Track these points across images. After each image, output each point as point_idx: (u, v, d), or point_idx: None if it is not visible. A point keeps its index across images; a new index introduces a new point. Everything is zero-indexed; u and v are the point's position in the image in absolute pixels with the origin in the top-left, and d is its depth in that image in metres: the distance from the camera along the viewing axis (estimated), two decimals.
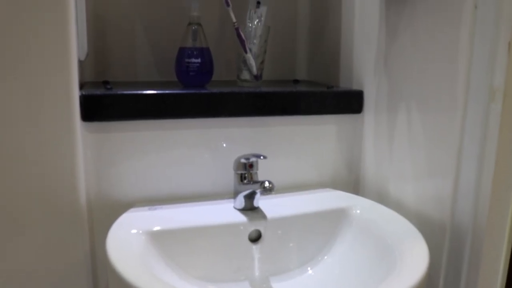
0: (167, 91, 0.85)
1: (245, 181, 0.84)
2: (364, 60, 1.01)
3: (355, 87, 1.04)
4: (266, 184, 0.77)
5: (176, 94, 0.86)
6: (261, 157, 0.81)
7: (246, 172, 0.84)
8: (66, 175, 0.78)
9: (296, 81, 1.19)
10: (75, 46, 0.76)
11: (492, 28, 0.70)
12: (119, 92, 0.83)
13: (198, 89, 0.89)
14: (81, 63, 0.87)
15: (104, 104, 0.82)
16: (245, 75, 1.00)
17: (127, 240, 0.73)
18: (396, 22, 0.89)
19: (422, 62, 0.84)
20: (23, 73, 0.73)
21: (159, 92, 0.84)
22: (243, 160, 0.83)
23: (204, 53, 0.97)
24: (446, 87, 0.78)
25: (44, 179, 0.77)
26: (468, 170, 0.77)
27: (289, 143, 0.97)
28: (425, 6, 0.82)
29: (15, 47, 0.72)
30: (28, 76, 0.73)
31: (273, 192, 0.77)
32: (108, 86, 0.88)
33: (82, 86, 0.90)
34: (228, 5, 0.97)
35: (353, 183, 1.06)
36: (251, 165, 0.84)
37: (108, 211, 0.87)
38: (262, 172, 0.92)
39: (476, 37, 0.73)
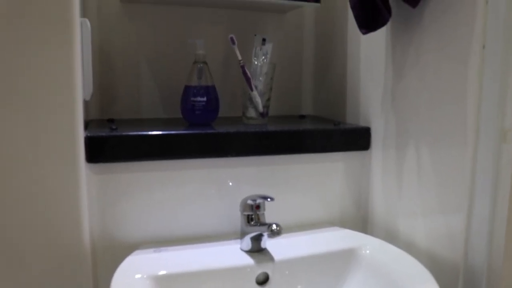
0: (172, 132, 0.84)
1: (252, 223, 0.82)
2: (370, 97, 1.00)
3: (362, 123, 1.03)
4: (274, 227, 0.75)
5: (182, 134, 0.85)
6: (268, 199, 0.80)
7: (253, 213, 0.82)
8: (70, 217, 0.77)
9: (302, 117, 1.18)
10: (80, 87, 0.76)
11: (501, 68, 0.70)
12: (124, 133, 0.82)
13: (204, 129, 0.89)
14: (86, 102, 0.87)
15: (109, 145, 0.81)
16: (251, 113, 1.00)
17: (132, 286, 0.71)
18: (403, 60, 0.89)
19: (430, 100, 0.83)
20: (28, 113, 0.72)
21: (164, 132, 0.84)
22: (250, 202, 0.82)
23: (209, 91, 0.97)
24: (455, 125, 0.77)
25: (48, 220, 0.76)
26: (481, 207, 0.75)
27: (297, 181, 0.96)
28: (432, 44, 0.81)
29: (20, 88, 0.72)
30: (33, 117, 0.73)
31: (280, 235, 0.76)
32: (113, 126, 0.87)
33: (87, 124, 0.90)
34: (233, 43, 0.97)
35: (362, 221, 1.04)
36: (258, 207, 0.82)
37: (112, 253, 0.85)
38: (269, 210, 0.90)
39: (484, 77, 0.72)
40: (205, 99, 0.95)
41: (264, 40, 1.00)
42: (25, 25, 0.71)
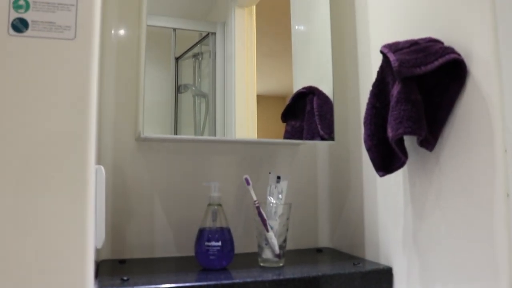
0: (187, 284, 0.81)
1: None
2: (390, 235, 0.97)
3: (382, 261, 0.98)
4: None
5: (197, 287, 0.81)
6: None
7: None
8: None
9: (319, 251, 1.14)
10: (92, 238, 0.73)
11: None
12: (135, 287, 0.79)
13: (219, 278, 0.85)
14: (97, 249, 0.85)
15: None
16: (267, 254, 0.96)
17: None
18: (422, 201, 0.87)
19: (455, 243, 0.79)
20: (36, 260, 0.69)
21: (178, 285, 0.80)
22: None
23: (224, 233, 0.94)
24: (484, 272, 0.73)
25: None
26: None
27: None
28: (452, 188, 0.80)
29: (33, 237, 0.69)
30: (43, 264, 0.69)
31: None
32: (124, 278, 0.84)
33: (98, 266, 0.86)
34: (248, 183, 0.96)
35: None
36: None
37: None
38: None
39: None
40: (219, 243, 0.92)
41: (278, 178, 1.00)
42: (39, 177, 0.70)
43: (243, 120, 1.12)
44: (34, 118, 0.71)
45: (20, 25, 0.74)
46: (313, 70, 1.17)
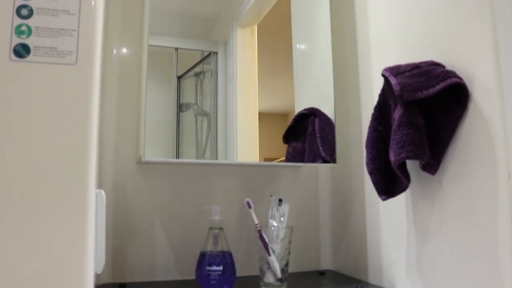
0: None
1: None
2: (393, 258, 0.95)
3: (386, 285, 0.97)
4: None
5: None
6: None
7: None
8: None
9: (321, 273, 1.13)
10: (92, 263, 0.72)
11: None
12: None
13: None
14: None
15: None
16: (269, 278, 0.95)
17: None
18: (425, 224, 0.86)
19: (459, 266, 0.78)
20: None
21: None
22: None
23: (225, 257, 0.93)
24: None
25: None
26: None
27: None
28: (455, 211, 0.79)
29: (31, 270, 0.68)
30: None
31: None
32: None
33: None
34: (249, 207, 0.96)
35: None
36: None
37: None
38: None
39: None
40: (221, 268, 0.91)
41: (280, 200, 0.99)
42: (39, 202, 0.69)
43: (245, 139, 1.11)
44: (34, 142, 0.71)
45: (22, 51, 0.74)
46: (315, 89, 1.17)
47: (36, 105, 0.72)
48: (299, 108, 1.14)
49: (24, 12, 0.75)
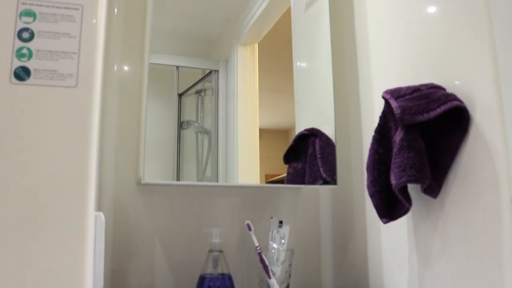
0: None
1: None
2: (396, 282, 0.94)
3: None
4: None
5: None
6: None
7: None
8: None
9: None
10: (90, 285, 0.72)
11: None
12: None
13: None
14: None
15: None
16: None
17: None
18: (427, 248, 0.85)
19: None
20: None
21: None
22: None
23: (225, 280, 0.92)
24: None
25: None
26: None
27: None
28: (458, 235, 0.78)
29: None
30: None
31: None
32: None
33: None
34: (250, 229, 0.95)
35: None
36: None
37: None
38: None
39: None
40: None
41: (281, 222, 0.98)
42: (37, 225, 0.69)
43: (246, 157, 1.11)
44: (34, 165, 0.70)
45: (22, 74, 0.74)
46: (315, 108, 1.17)
47: (36, 127, 0.72)
48: (299, 127, 1.14)
49: (26, 35, 0.75)
